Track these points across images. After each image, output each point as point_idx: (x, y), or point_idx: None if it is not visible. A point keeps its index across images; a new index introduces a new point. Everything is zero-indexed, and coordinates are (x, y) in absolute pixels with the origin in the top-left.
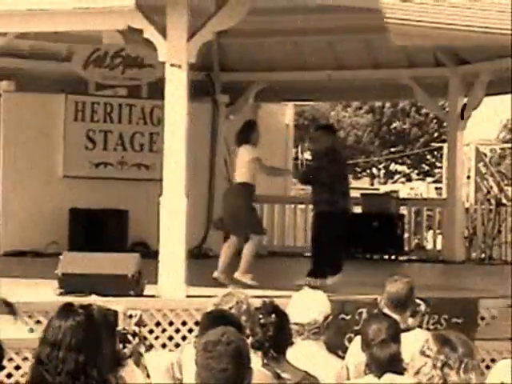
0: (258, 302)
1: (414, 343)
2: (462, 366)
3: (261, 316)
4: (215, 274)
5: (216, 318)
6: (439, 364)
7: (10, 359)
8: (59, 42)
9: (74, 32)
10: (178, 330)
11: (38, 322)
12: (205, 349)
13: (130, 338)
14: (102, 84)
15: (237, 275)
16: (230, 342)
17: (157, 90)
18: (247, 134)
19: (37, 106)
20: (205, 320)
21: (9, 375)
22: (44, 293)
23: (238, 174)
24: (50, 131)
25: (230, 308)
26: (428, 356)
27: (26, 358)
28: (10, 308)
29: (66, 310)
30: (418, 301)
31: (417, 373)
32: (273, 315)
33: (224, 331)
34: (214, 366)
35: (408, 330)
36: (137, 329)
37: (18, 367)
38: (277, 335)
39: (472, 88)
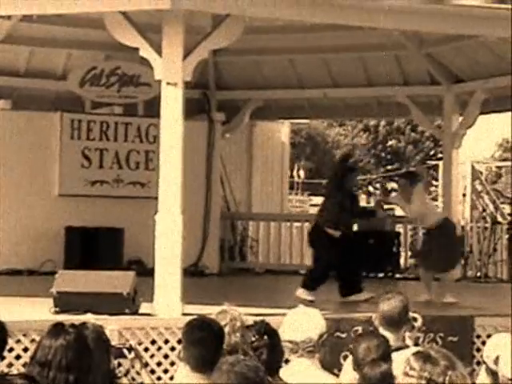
0: (251, 320)
1: None
2: (447, 379)
3: (253, 339)
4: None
5: (197, 327)
6: (424, 382)
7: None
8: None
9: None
10: (173, 348)
11: (33, 340)
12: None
13: (125, 352)
14: (98, 102)
15: None
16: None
17: (153, 108)
18: None
19: (33, 124)
20: (186, 329)
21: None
22: (39, 311)
23: None
24: (46, 149)
25: (224, 325)
26: (412, 376)
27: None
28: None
29: (56, 329)
30: (414, 315)
31: None
32: (265, 337)
33: (238, 360)
34: None
35: (403, 347)
36: (133, 343)
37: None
38: (269, 357)
39: (467, 106)
